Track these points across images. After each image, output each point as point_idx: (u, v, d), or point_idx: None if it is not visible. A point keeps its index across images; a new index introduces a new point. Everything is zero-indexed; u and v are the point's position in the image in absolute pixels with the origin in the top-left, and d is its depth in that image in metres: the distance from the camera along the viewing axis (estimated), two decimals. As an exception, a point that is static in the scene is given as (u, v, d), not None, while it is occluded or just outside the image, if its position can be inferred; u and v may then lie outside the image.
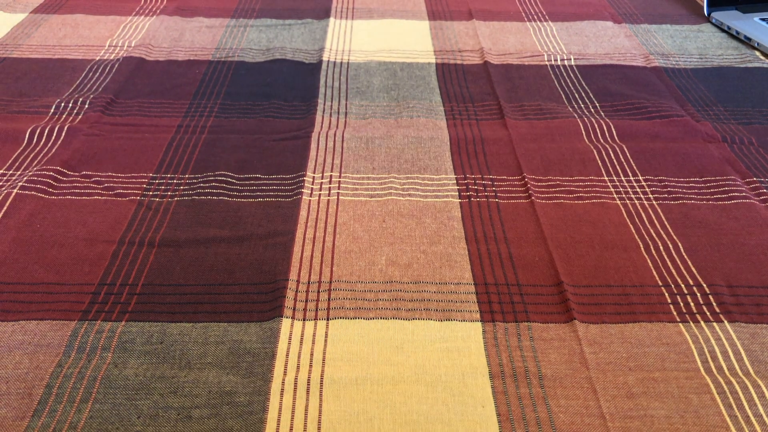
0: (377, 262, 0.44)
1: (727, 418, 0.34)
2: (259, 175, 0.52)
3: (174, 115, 0.60)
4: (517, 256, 0.44)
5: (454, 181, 0.51)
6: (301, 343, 0.38)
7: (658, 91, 0.66)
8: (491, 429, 0.33)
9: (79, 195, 0.49)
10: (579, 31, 0.79)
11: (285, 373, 0.36)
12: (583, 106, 0.63)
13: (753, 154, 0.56)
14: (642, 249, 0.45)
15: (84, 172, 0.51)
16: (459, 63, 0.71)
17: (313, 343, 0.38)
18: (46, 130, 0.56)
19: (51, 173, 0.50)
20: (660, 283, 0.42)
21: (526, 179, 0.52)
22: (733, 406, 0.34)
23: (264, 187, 0.51)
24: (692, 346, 0.38)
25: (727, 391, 0.35)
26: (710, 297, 0.41)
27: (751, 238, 0.46)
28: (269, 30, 0.77)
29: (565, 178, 0.52)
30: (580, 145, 0.57)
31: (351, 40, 0.75)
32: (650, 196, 0.50)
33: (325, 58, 0.71)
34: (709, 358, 0.37)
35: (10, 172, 0.51)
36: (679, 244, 0.45)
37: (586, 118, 0.60)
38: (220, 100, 0.63)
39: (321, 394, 0.35)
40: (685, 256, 0.44)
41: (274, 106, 0.62)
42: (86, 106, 0.60)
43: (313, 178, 0.52)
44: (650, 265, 0.44)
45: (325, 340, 0.38)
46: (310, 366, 0.36)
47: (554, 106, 0.63)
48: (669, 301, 0.41)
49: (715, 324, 0.39)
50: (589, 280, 0.42)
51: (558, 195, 0.50)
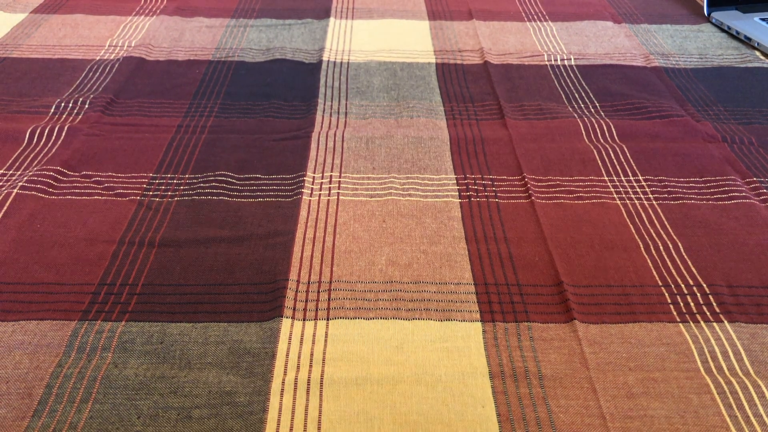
0: (377, 262, 0.44)
1: (727, 418, 0.34)
2: (259, 175, 0.52)
3: (174, 115, 0.60)
4: (517, 256, 0.44)
5: (454, 181, 0.51)
6: (301, 343, 0.38)
7: (658, 91, 0.66)
8: (491, 429, 0.33)
9: (79, 195, 0.49)
10: (579, 31, 0.78)
11: (285, 373, 0.36)
12: (583, 106, 0.63)
13: (753, 154, 0.56)
14: (642, 249, 0.45)
15: (84, 172, 0.52)
16: (459, 63, 0.71)
17: (313, 343, 0.38)
18: (46, 130, 0.56)
19: (51, 173, 0.50)
20: (660, 283, 0.42)
21: (526, 179, 0.52)
22: (733, 406, 0.34)
23: (264, 187, 0.51)
24: (692, 346, 0.38)
25: (727, 391, 0.35)
26: (710, 297, 0.41)
27: (751, 238, 0.46)
28: (269, 30, 0.77)
29: (565, 178, 0.52)
30: (580, 145, 0.57)
31: (351, 40, 0.75)
32: (650, 196, 0.50)
33: (325, 58, 0.71)
34: (709, 358, 0.37)
35: (11, 172, 0.51)
36: (679, 244, 0.45)
37: (586, 118, 0.60)
38: (220, 100, 0.63)
39: (321, 394, 0.35)
40: (685, 256, 0.44)
41: (274, 106, 0.62)
42: (86, 106, 0.60)
43: (313, 178, 0.52)
44: (650, 265, 0.44)
45: (325, 340, 0.38)
46: (310, 366, 0.36)
47: (554, 106, 0.63)
48: (669, 301, 0.41)
49: (715, 324, 0.39)
50: (589, 280, 0.42)
51: (558, 195, 0.50)
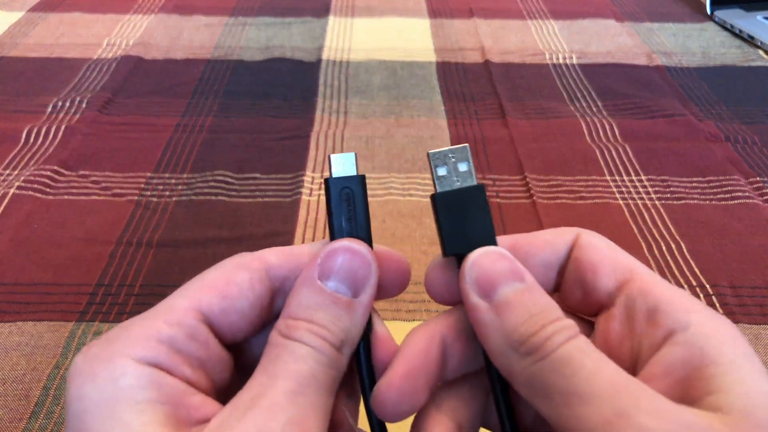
0: (377, 263, 0.43)
1: (731, 421, 0.33)
2: (258, 175, 0.51)
3: (172, 115, 0.59)
4: (518, 257, 0.44)
5: (455, 181, 0.51)
6: (301, 344, 0.37)
7: (660, 90, 0.65)
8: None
9: (77, 195, 0.49)
10: (581, 30, 0.78)
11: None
12: (585, 105, 0.62)
13: (756, 154, 0.55)
14: (645, 250, 0.45)
15: (81, 172, 0.51)
16: (460, 62, 0.70)
17: (313, 344, 0.37)
18: (43, 130, 0.56)
19: (48, 173, 0.50)
20: (663, 284, 0.42)
21: (528, 179, 0.51)
22: (737, 409, 0.34)
23: (263, 187, 0.50)
24: (696, 348, 0.38)
25: (731, 393, 0.35)
26: (713, 298, 0.41)
27: (755, 239, 0.46)
28: (268, 28, 0.77)
29: (567, 178, 0.52)
30: (582, 144, 0.56)
31: (351, 39, 0.75)
32: (653, 196, 0.50)
33: (325, 57, 0.70)
34: (712, 360, 0.37)
35: (7, 172, 0.51)
36: (682, 245, 0.45)
37: (588, 118, 0.60)
38: (219, 99, 0.62)
39: (320, 397, 0.34)
40: (688, 257, 0.44)
41: (273, 105, 0.62)
42: (84, 105, 0.60)
43: (313, 177, 0.51)
44: (653, 265, 0.43)
45: (325, 342, 0.37)
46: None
47: (556, 105, 0.62)
48: (672, 302, 0.41)
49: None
50: (592, 281, 0.42)
51: (560, 195, 0.50)
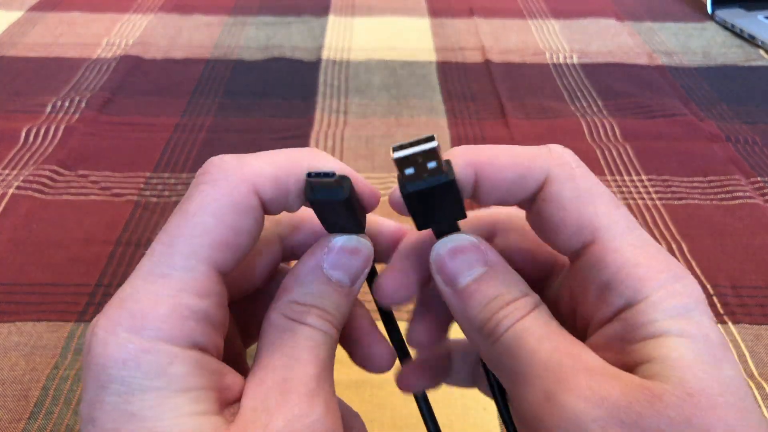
0: (377, 263, 0.43)
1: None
2: (257, 175, 0.51)
3: (172, 114, 0.59)
4: (519, 257, 0.44)
5: (455, 181, 0.51)
6: (300, 345, 0.37)
7: (661, 90, 0.65)
8: (493, 433, 0.33)
9: (76, 195, 0.49)
10: (581, 29, 0.78)
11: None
12: (585, 105, 0.62)
13: (757, 154, 0.55)
14: (645, 250, 0.45)
15: (80, 172, 0.51)
16: (460, 61, 0.70)
17: (313, 345, 0.37)
18: (42, 130, 0.56)
19: (47, 173, 0.50)
20: (664, 285, 0.42)
21: (528, 179, 0.51)
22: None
23: (263, 187, 0.50)
24: (697, 349, 0.37)
25: (732, 394, 0.35)
26: (714, 298, 0.41)
27: (756, 239, 0.46)
28: (268, 27, 0.77)
29: (567, 178, 0.52)
30: (583, 144, 0.56)
31: (351, 38, 0.75)
32: (653, 196, 0.50)
33: (325, 56, 0.70)
34: (713, 361, 0.37)
35: (6, 172, 0.50)
36: (683, 245, 0.45)
37: (588, 117, 0.60)
38: (219, 98, 0.62)
39: (320, 398, 0.34)
40: (689, 257, 0.44)
41: (273, 105, 0.61)
42: (83, 105, 0.60)
43: (313, 177, 0.51)
44: (654, 266, 0.43)
45: (325, 343, 0.37)
46: (310, 369, 0.36)
47: (556, 105, 0.62)
48: (673, 302, 0.40)
49: (719, 326, 0.39)
50: (592, 281, 0.42)
51: (560, 195, 0.50)
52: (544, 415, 0.16)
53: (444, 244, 0.19)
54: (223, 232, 0.17)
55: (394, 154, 0.18)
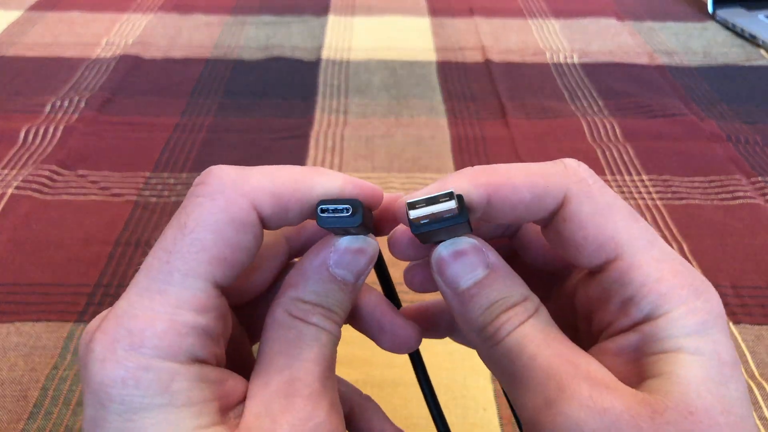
0: (377, 263, 0.43)
1: (734, 423, 0.33)
2: (257, 175, 0.51)
3: (171, 114, 0.59)
4: (519, 257, 0.43)
5: (456, 181, 0.51)
6: (300, 345, 0.37)
7: (662, 90, 0.65)
8: (493, 434, 0.33)
9: (75, 195, 0.48)
10: (582, 29, 0.78)
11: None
12: (586, 104, 0.62)
13: (758, 154, 0.55)
14: (646, 250, 0.44)
15: (80, 172, 0.51)
16: (460, 61, 0.70)
17: (313, 345, 0.37)
18: (42, 130, 0.56)
19: (47, 173, 0.50)
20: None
21: (528, 179, 0.51)
22: (740, 411, 0.34)
23: (263, 187, 0.50)
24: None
25: (733, 394, 0.35)
26: (715, 298, 0.41)
27: (756, 239, 0.45)
28: (268, 27, 0.77)
29: (567, 178, 0.52)
30: (583, 144, 0.56)
31: (351, 38, 0.75)
32: (654, 196, 0.50)
33: (325, 56, 0.70)
34: (714, 361, 0.37)
35: (5, 172, 0.50)
36: (684, 245, 0.45)
37: (589, 117, 0.60)
38: (219, 98, 0.62)
39: (320, 398, 0.34)
40: (690, 257, 0.44)
41: (272, 105, 0.61)
42: (82, 104, 0.60)
43: (313, 177, 0.51)
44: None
45: (325, 343, 0.37)
46: (309, 369, 0.36)
47: (557, 104, 0.62)
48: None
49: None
50: (593, 281, 0.42)
51: (560, 195, 0.50)
52: (545, 422, 0.16)
53: (445, 246, 0.19)
54: (222, 248, 0.17)
55: (411, 213, 0.18)
